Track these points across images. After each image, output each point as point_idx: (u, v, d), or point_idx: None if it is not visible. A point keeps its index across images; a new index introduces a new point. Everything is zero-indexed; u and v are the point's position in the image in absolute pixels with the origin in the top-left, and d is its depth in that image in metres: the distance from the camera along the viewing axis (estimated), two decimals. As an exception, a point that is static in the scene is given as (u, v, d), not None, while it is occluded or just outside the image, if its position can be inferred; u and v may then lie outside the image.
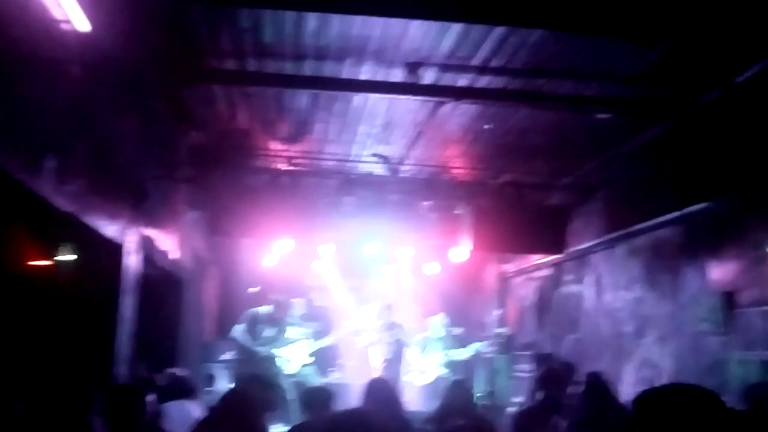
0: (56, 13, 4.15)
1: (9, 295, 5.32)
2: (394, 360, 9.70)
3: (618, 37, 5.03)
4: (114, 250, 5.79)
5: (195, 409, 5.32)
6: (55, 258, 5.66)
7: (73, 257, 5.67)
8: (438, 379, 9.72)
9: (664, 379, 6.62)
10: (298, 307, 10.08)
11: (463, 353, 9.90)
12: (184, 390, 5.61)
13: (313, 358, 9.92)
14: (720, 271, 5.94)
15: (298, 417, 7.81)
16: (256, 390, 4.63)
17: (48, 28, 4.16)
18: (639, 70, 5.58)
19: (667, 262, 6.76)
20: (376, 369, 9.53)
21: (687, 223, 6.44)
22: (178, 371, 6.40)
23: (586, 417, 4.58)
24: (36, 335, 5.41)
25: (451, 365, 9.79)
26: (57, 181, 4.43)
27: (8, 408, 3.41)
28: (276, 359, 9.38)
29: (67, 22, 4.20)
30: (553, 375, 5.95)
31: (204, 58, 5.68)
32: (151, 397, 5.06)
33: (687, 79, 5.70)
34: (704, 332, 6.06)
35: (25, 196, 4.15)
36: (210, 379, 9.38)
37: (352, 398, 9.59)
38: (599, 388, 5.04)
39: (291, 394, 8.78)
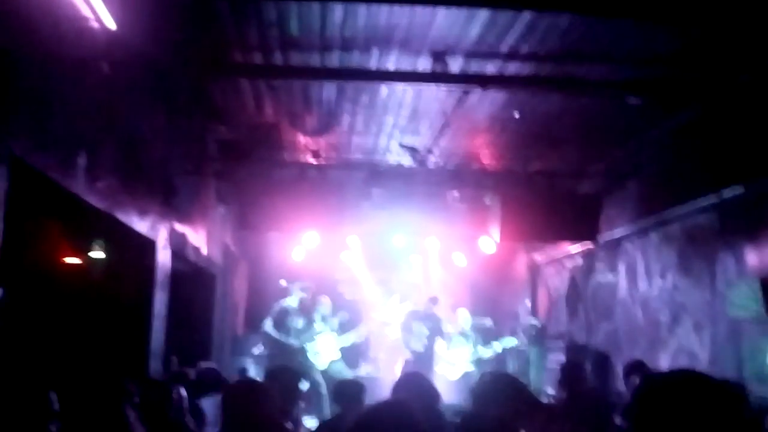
0: (84, 11, 4.17)
1: (45, 291, 5.40)
2: (427, 352, 9.67)
3: (648, 20, 4.93)
4: (146, 246, 5.84)
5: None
6: (90, 254, 5.72)
7: (107, 253, 5.73)
8: (465, 374, 9.70)
9: (701, 368, 6.53)
10: (324, 306, 10.12)
11: (490, 351, 9.88)
12: (215, 383, 5.63)
13: (340, 354, 9.95)
14: (757, 257, 5.82)
15: (330, 410, 7.86)
16: (279, 381, 4.65)
17: (77, 27, 4.18)
18: (670, 53, 5.46)
19: (702, 248, 6.64)
20: (407, 360, 9.51)
21: (722, 208, 6.31)
22: (208, 365, 6.47)
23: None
24: (72, 331, 5.49)
25: (479, 362, 9.75)
26: (89, 179, 4.46)
27: (42, 398, 3.44)
28: (308, 353, 9.43)
29: (96, 20, 4.23)
30: (569, 371, 5.90)
31: (230, 52, 5.67)
32: (184, 392, 5.10)
33: (719, 62, 5.57)
34: (742, 319, 5.95)
35: (59, 194, 4.19)
36: (242, 373, 9.45)
37: (383, 391, 9.61)
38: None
39: (323, 388, 8.82)
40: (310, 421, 7.19)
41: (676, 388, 1.75)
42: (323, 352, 9.79)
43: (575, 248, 9.46)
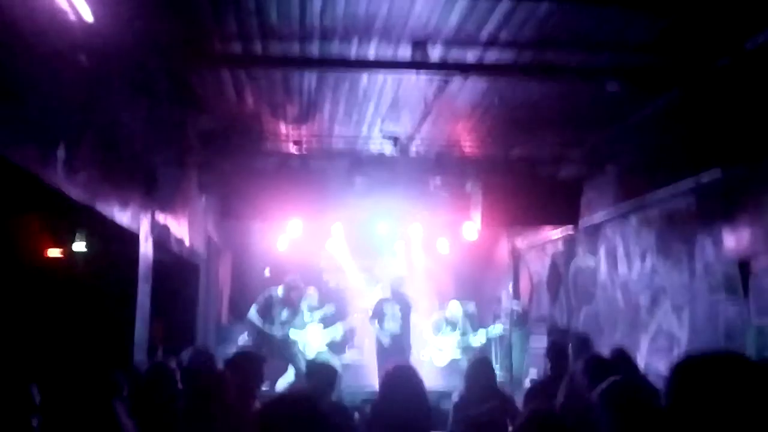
0: (61, 3, 4.14)
1: (27, 285, 5.38)
2: (404, 332, 9.72)
3: (626, 5, 4.97)
4: (129, 237, 5.82)
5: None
6: (72, 247, 5.69)
7: (89, 246, 5.71)
8: (452, 361, 9.79)
9: (680, 349, 6.63)
10: (311, 297, 10.14)
11: (478, 339, 9.99)
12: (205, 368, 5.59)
13: (327, 346, 9.97)
14: (735, 239, 5.91)
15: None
16: (240, 367, 4.71)
17: (53, 19, 4.15)
18: (649, 38, 5.48)
19: (681, 231, 6.73)
20: (383, 343, 9.56)
21: (700, 192, 6.40)
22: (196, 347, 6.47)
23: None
24: (55, 324, 5.49)
25: (466, 349, 9.85)
26: (69, 171, 4.44)
27: (24, 391, 3.44)
28: (295, 343, 9.46)
29: (72, 12, 4.20)
30: (558, 348, 6.01)
31: (210, 42, 5.62)
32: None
33: (697, 46, 5.60)
34: (720, 301, 6.05)
35: (39, 187, 4.17)
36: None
37: (368, 377, 9.69)
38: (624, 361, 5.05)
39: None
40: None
41: (717, 368, 1.76)
42: (311, 342, 9.82)
43: (556, 233, 9.55)
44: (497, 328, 10.20)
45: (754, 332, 5.60)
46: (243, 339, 9.74)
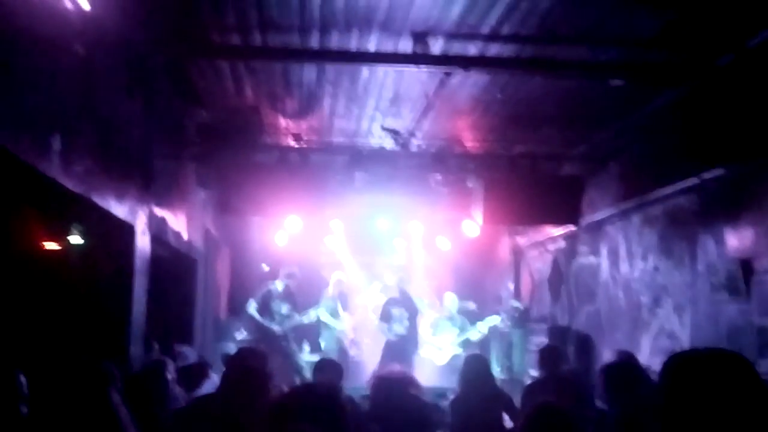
0: (58, -9, 4.09)
1: (23, 277, 5.34)
2: (410, 332, 9.68)
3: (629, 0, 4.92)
4: (126, 230, 5.78)
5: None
6: (68, 239, 5.66)
7: (85, 238, 5.67)
8: (453, 357, 9.74)
9: (681, 349, 6.58)
10: (341, 283, 10.10)
11: (477, 333, 9.92)
12: (202, 371, 5.61)
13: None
14: (737, 238, 5.86)
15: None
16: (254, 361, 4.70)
17: (50, 7, 4.09)
18: (652, 35, 5.45)
19: (683, 230, 6.68)
20: (389, 341, 9.54)
21: (703, 191, 6.35)
22: (185, 349, 6.45)
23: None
24: (50, 317, 5.43)
25: (466, 344, 9.80)
26: (65, 162, 4.38)
27: (12, 381, 3.42)
28: (291, 338, 9.41)
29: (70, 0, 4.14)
30: (551, 352, 6.00)
31: (209, 33, 5.59)
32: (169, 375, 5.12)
33: (701, 44, 5.57)
34: (722, 300, 6.00)
35: (34, 178, 4.11)
36: (225, 357, 9.40)
37: (368, 375, 9.63)
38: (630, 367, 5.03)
39: (306, 372, 8.84)
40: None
41: (707, 364, 1.77)
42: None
43: (558, 231, 9.50)
44: (494, 319, 10.12)
45: (756, 332, 5.55)
46: (241, 334, 9.70)
